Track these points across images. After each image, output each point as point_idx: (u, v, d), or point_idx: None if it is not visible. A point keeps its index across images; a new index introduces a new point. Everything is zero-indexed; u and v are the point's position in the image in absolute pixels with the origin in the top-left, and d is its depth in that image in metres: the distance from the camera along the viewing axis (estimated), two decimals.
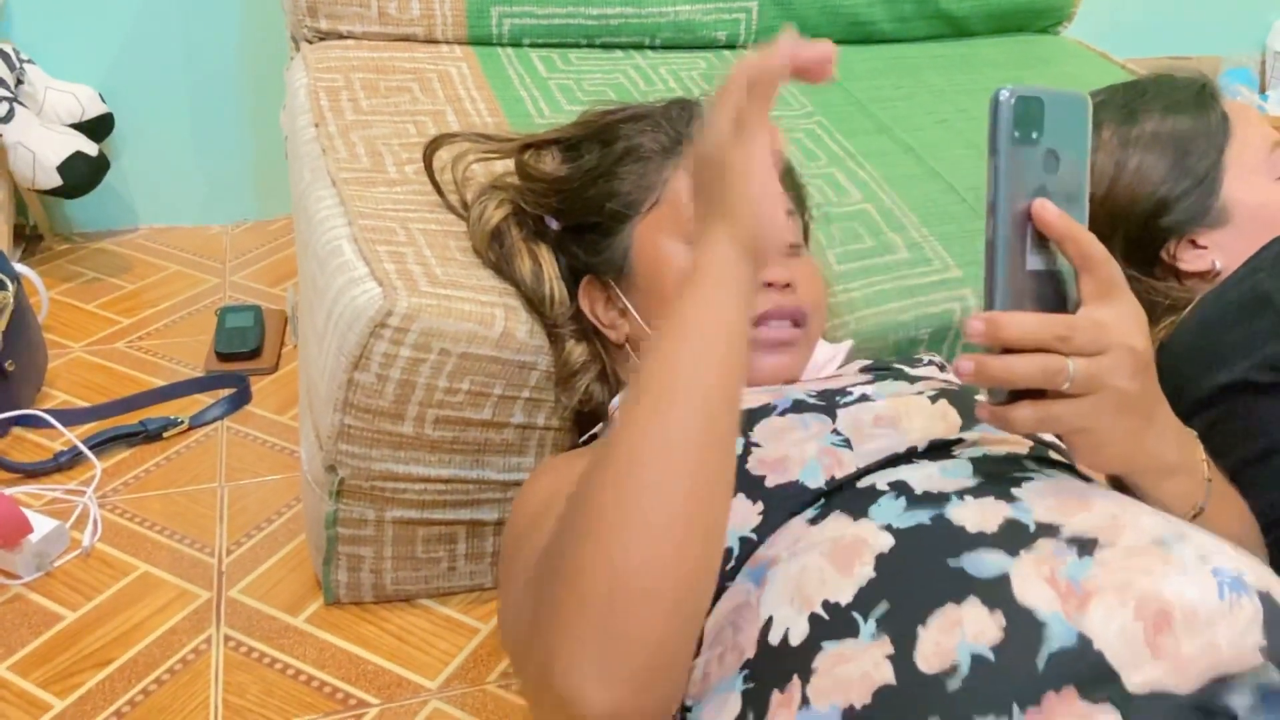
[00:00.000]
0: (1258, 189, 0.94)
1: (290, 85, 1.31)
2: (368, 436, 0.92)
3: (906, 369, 0.82)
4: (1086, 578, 0.52)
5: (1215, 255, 0.93)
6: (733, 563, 0.62)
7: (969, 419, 0.69)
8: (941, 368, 0.85)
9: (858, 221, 1.09)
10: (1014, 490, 0.59)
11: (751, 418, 0.70)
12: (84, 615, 1.01)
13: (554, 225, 0.95)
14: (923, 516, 0.58)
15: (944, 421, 0.69)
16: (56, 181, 1.46)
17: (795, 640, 0.55)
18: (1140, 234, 0.95)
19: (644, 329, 0.84)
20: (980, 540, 0.55)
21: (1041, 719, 0.48)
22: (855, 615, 0.54)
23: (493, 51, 1.37)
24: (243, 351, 1.39)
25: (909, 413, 0.69)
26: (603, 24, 1.40)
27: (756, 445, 0.67)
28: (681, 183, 0.85)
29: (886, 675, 0.51)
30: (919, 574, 0.55)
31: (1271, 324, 0.77)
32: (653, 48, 1.44)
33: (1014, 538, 0.55)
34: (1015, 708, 0.48)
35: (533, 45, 1.40)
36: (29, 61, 1.56)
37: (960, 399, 0.71)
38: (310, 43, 1.35)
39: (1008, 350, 0.54)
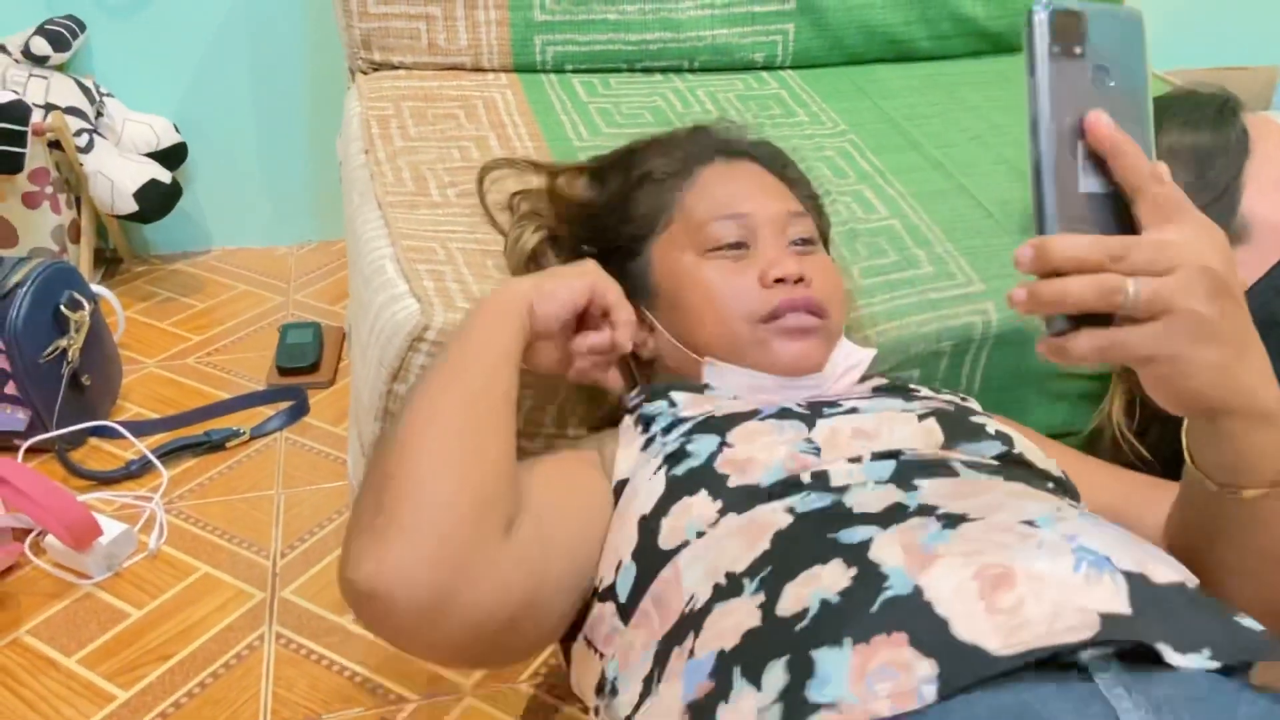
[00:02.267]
0: (1278, 205, 0.94)
1: (346, 114, 1.38)
2: None
3: (918, 390, 0.83)
4: (940, 544, 0.54)
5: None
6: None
7: (952, 437, 0.70)
8: (964, 398, 0.86)
9: (883, 237, 1.12)
10: (917, 481, 0.62)
11: (732, 421, 0.72)
12: (148, 613, 1.08)
13: (587, 250, 0.99)
14: (823, 501, 0.62)
15: (925, 438, 0.70)
16: (133, 207, 1.55)
17: (698, 605, 0.60)
18: None
19: (671, 343, 0.87)
20: (862, 518, 0.59)
21: (868, 654, 0.50)
22: (744, 580, 0.59)
23: (537, 78, 1.43)
24: (302, 366, 1.46)
25: (891, 428, 0.70)
26: (642, 49, 1.45)
27: (729, 445, 0.70)
28: (692, 199, 0.89)
29: (754, 620, 0.56)
30: (801, 544, 0.59)
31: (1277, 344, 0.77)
32: (691, 70, 1.48)
33: (891, 516, 0.59)
34: (847, 640, 0.51)
35: (575, 71, 1.45)
36: (109, 95, 1.66)
37: (950, 419, 0.72)
38: (365, 73, 1.42)
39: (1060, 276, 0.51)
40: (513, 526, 0.67)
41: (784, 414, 0.73)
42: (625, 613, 0.68)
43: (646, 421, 0.77)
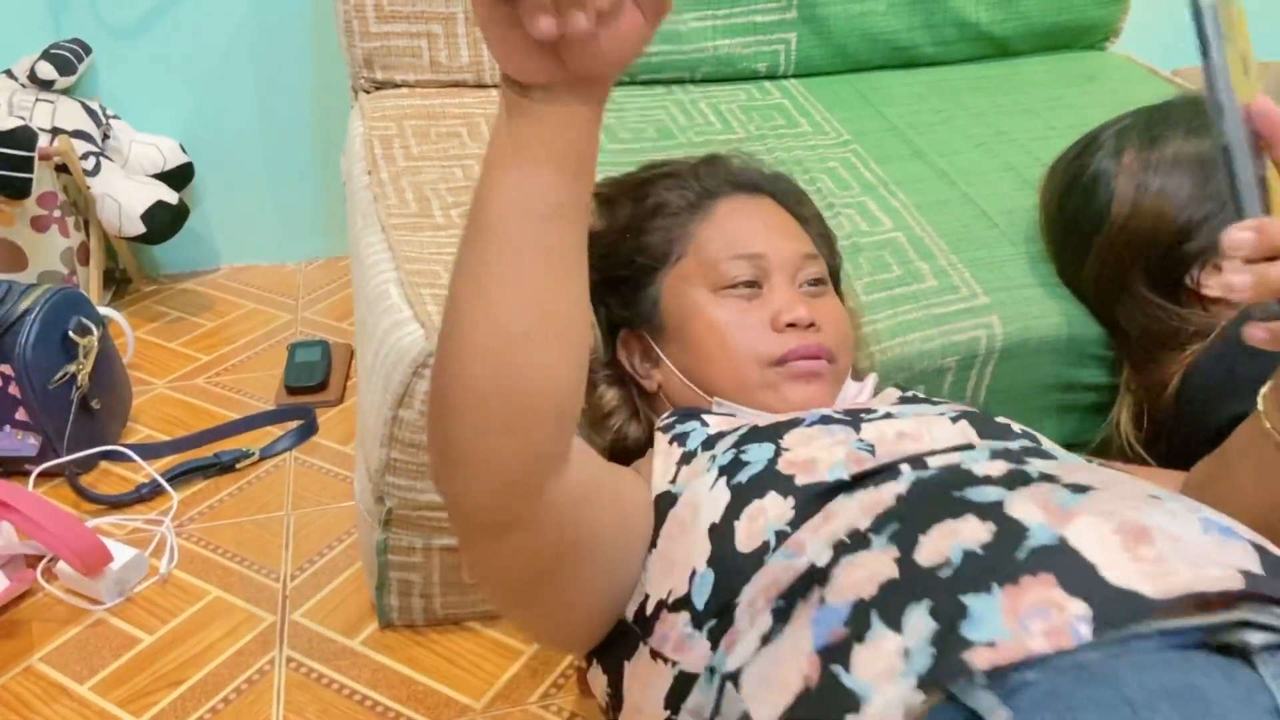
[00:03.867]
0: None
1: (349, 134, 1.38)
2: (412, 469, 0.97)
3: (930, 399, 0.84)
4: (1075, 504, 0.56)
5: None
6: (770, 554, 0.66)
7: (986, 437, 0.72)
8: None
9: (887, 250, 1.11)
10: (1024, 462, 0.64)
11: (780, 428, 0.73)
12: (160, 638, 1.08)
13: (593, 278, 0.99)
14: (938, 469, 0.64)
15: (963, 439, 0.72)
16: (141, 229, 1.56)
17: (820, 563, 0.61)
18: (1164, 260, 0.95)
19: (677, 376, 0.87)
20: (986, 480, 0.61)
21: (1018, 595, 0.51)
22: (870, 534, 0.60)
23: None
24: (310, 385, 1.47)
25: (931, 430, 0.72)
26: (644, 61, 1.44)
27: (786, 450, 0.71)
28: (706, 235, 0.89)
29: (891, 572, 0.56)
30: (928, 501, 0.60)
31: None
32: (694, 81, 1.48)
33: (1016, 480, 0.60)
34: (994, 585, 0.52)
35: None
36: (115, 117, 1.67)
37: (981, 421, 0.74)
38: (368, 92, 1.43)
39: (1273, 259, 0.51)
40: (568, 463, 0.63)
41: (827, 420, 0.74)
42: (700, 619, 0.67)
43: (681, 438, 0.77)
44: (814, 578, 0.60)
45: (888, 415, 0.74)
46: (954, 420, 0.73)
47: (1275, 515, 0.66)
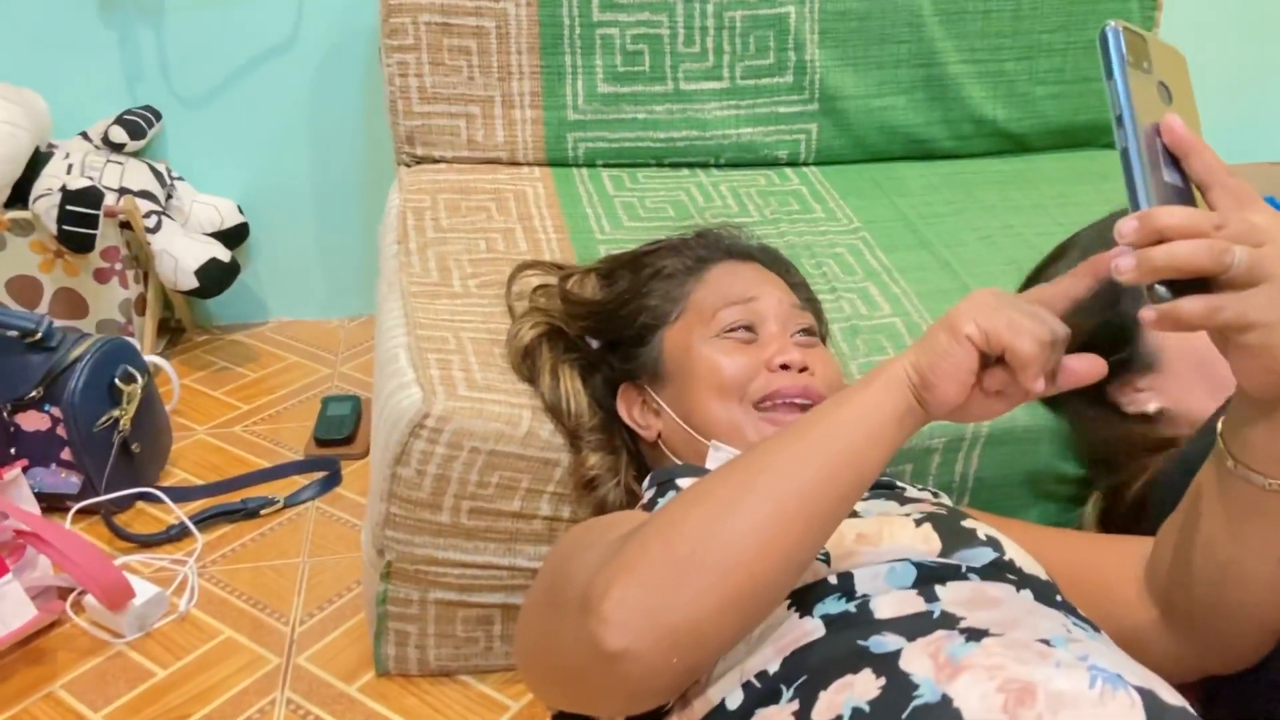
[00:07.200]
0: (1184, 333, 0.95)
1: (387, 206, 1.47)
2: (410, 524, 1.03)
3: (904, 489, 0.86)
4: (965, 656, 0.57)
5: (1153, 399, 0.95)
6: None
7: (949, 544, 0.73)
8: (935, 494, 0.90)
9: (883, 334, 1.15)
10: (938, 589, 0.65)
11: None
12: (172, 673, 1.14)
13: (594, 344, 1.05)
14: (850, 606, 0.65)
15: (924, 544, 0.73)
16: (194, 284, 1.66)
17: (732, 705, 0.63)
18: None
19: (676, 422, 0.92)
20: (888, 625, 0.62)
21: None
22: (780, 685, 0.62)
23: (568, 172, 1.51)
24: (338, 438, 1.54)
25: (892, 533, 0.74)
26: (669, 145, 1.52)
27: None
28: (702, 294, 0.95)
29: None
30: (833, 652, 0.62)
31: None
32: (717, 166, 1.54)
33: (916, 626, 0.61)
34: None
35: (605, 165, 1.52)
36: (179, 179, 1.79)
37: (944, 524, 0.75)
38: (408, 165, 1.52)
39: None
40: None
41: None
42: None
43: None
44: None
45: (852, 514, 0.76)
46: (918, 523, 0.75)
47: (1246, 565, 0.67)
